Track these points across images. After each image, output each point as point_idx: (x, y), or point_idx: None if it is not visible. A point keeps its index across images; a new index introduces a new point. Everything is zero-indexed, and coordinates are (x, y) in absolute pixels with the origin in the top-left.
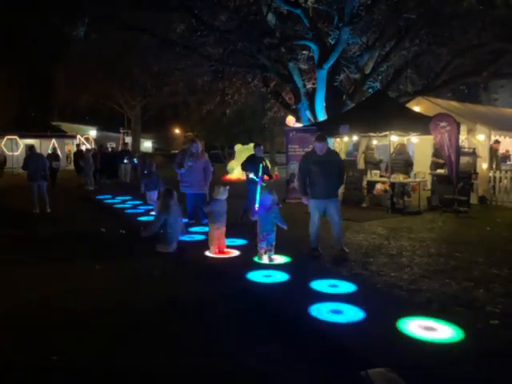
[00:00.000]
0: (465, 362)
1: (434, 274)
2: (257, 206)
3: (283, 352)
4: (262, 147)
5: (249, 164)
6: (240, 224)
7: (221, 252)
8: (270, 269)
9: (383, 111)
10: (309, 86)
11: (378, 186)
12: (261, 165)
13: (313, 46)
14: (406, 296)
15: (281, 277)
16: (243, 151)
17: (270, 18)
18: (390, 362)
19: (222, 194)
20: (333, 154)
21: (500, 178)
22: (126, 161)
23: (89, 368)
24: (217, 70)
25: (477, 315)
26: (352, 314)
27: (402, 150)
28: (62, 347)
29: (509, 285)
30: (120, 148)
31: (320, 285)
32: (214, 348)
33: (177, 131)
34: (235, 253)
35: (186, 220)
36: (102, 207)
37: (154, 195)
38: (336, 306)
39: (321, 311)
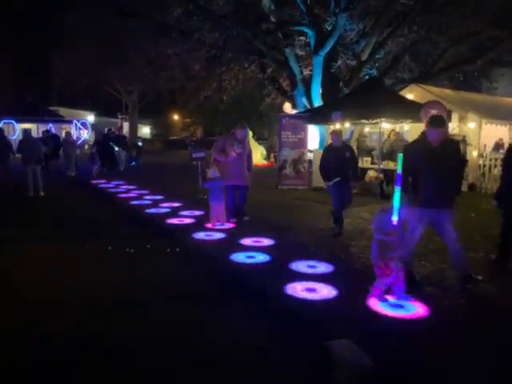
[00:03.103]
0: (425, 335)
1: None
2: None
3: (257, 327)
4: (340, 133)
5: (326, 160)
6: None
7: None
8: (254, 250)
9: (375, 98)
10: (305, 72)
11: (371, 174)
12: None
13: (309, 32)
14: None
15: (263, 258)
16: None
17: (266, 2)
18: (355, 334)
19: (213, 173)
20: (451, 145)
21: (490, 166)
22: (117, 148)
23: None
24: (214, 55)
25: (445, 294)
26: (325, 292)
27: (401, 136)
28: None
29: (482, 267)
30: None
31: (299, 266)
32: (194, 324)
33: (175, 117)
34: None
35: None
36: (98, 193)
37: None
38: (311, 285)
39: (296, 289)
